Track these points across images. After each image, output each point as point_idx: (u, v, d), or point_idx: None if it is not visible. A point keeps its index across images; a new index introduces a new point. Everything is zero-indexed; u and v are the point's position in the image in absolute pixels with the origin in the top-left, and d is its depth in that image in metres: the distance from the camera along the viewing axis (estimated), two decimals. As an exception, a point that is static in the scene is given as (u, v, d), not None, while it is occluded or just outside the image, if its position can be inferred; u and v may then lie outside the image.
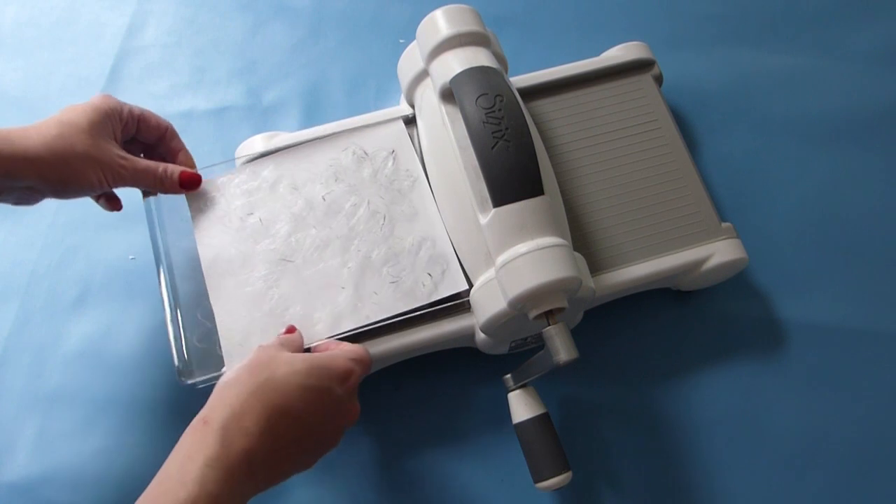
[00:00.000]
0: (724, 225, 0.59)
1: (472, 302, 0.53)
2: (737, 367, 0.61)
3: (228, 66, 0.77)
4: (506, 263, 0.48)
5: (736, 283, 0.63)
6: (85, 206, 0.68)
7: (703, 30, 0.78)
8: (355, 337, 0.53)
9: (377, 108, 0.63)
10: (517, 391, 0.54)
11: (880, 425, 0.59)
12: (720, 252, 0.58)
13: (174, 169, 0.55)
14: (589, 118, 0.63)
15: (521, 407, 0.54)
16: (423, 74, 0.58)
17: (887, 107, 0.73)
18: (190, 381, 0.51)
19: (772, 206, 0.68)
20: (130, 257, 0.66)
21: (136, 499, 0.38)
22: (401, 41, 0.78)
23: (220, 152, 0.72)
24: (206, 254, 0.55)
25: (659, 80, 0.67)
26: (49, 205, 0.68)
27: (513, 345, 0.58)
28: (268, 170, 0.59)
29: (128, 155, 0.53)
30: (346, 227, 0.56)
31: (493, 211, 0.49)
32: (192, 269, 0.56)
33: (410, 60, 0.59)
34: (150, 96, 0.75)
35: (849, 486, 0.57)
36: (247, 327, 0.53)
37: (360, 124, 0.61)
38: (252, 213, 0.57)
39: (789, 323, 0.63)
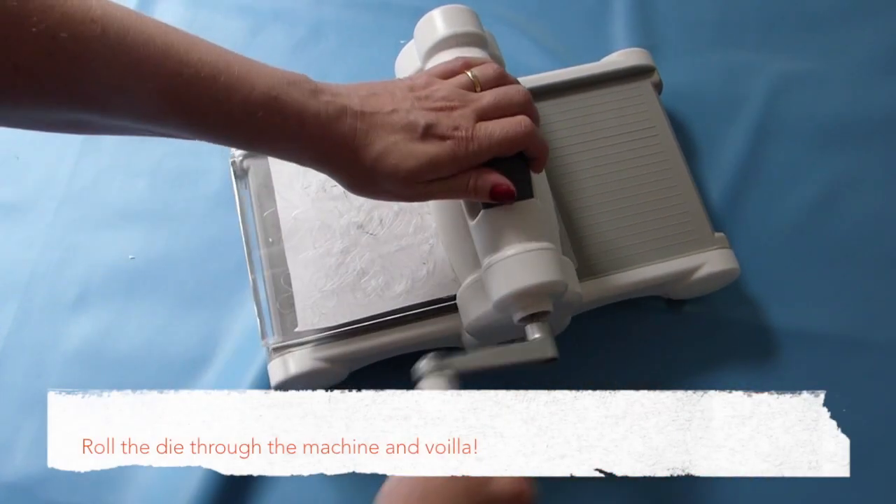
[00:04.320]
0: (717, 235, 0.60)
1: (458, 303, 0.53)
2: (728, 375, 0.61)
3: (228, 66, 0.77)
4: (492, 265, 0.48)
5: (728, 290, 0.63)
6: (85, 206, 0.69)
7: (703, 36, 0.77)
8: (353, 332, 0.54)
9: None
10: (435, 376, 0.44)
11: (872, 434, 0.59)
12: (711, 262, 0.58)
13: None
14: (586, 123, 0.63)
15: None
16: (421, 74, 0.58)
17: (886, 113, 0.72)
18: (273, 346, 0.54)
19: (767, 213, 0.68)
20: (130, 257, 0.67)
21: (135, 499, 0.38)
22: (401, 42, 0.77)
23: (220, 152, 0.72)
24: (287, 223, 0.57)
25: (658, 87, 0.67)
26: (49, 204, 0.69)
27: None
28: None
29: None
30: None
31: (482, 213, 0.49)
32: (276, 239, 0.58)
33: (408, 59, 0.59)
34: (150, 96, 0.75)
35: (840, 493, 0.57)
36: (325, 298, 0.54)
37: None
38: (336, 185, 0.57)
39: (782, 331, 0.63)
